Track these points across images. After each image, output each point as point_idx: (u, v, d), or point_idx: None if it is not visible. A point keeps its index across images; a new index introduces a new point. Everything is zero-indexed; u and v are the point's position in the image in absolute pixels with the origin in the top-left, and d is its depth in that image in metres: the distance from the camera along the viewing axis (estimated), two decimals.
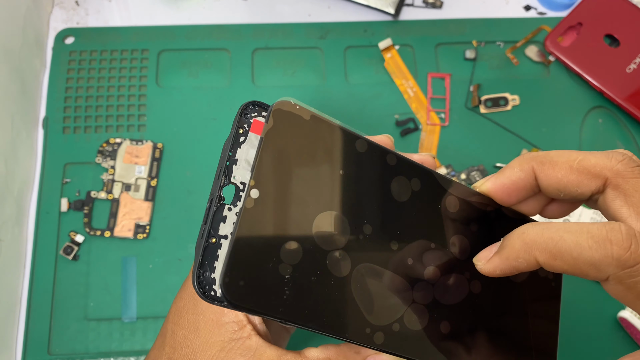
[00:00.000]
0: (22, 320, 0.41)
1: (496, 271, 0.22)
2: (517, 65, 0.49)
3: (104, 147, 0.45)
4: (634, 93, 0.46)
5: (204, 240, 0.19)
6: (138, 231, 0.43)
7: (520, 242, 0.22)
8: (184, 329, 0.25)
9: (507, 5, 0.51)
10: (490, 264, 0.23)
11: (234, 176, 0.20)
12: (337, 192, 0.21)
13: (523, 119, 0.47)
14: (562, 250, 0.21)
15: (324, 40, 0.49)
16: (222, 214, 0.20)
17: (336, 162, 0.21)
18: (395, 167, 0.23)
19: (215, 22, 0.49)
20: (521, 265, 0.22)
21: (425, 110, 0.47)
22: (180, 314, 0.25)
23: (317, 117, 0.21)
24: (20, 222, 0.43)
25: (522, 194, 0.25)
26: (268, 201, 0.19)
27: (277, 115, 0.20)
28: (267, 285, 0.19)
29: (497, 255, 0.22)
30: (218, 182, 0.20)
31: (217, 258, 0.19)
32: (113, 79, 0.47)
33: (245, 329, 0.24)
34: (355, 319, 0.21)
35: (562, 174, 0.23)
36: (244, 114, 0.21)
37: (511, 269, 0.22)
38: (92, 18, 0.50)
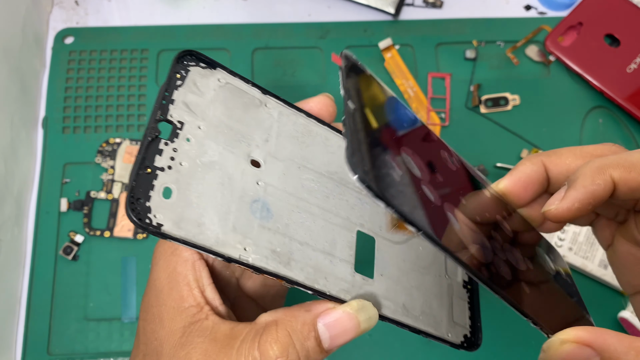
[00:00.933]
0: (21, 320, 0.41)
1: (575, 204, 0.22)
2: (517, 65, 0.49)
3: (103, 147, 0.45)
4: (634, 93, 0.46)
5: (137, 168, 0.19)
6: (138, 231, 0.43)
7: (590, 167, 0.22)
8: (151, 322, 0.25)
9: (507, 5, 0.51)
10: (567, 199, 0.22)
11: (171, 114, 0.21)
12: (407, 138, 0.23)
13: (523, 119, 0.47)
14: (634, 162, 0.22)
15: (324, 40, 0.49)
16: (159, 147, 0.20)
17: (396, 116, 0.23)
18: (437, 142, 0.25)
19: (215, 22, 0.49)
20: (598, 188, 0.22)
21: (425, 110, 0.47)
22: (146, 309, 0.25)
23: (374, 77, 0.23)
24: (20, 222, 0.42)
25: (536, 188, 0.26)
26: (360, 115, 0.20)
27: (347, 60, 0.22)
28: (390, 178, 0.19)
29: (572, 189, 0.22)
30: (154, 116, 0.20)
31: (152, 188, 0.19)
32: (113, 78, 0.47)
33: (203, 311, 0.24)
34: (451, 239, 0.21)
35: (569, 160, 0.25)
36: (180, 61, 0.22)
37: (589, 196, 0.22)
38: (91, 18, 0.50)
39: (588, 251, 0.42)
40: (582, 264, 0.42)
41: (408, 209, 0.19)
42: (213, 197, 0.21)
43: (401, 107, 0.24)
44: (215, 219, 0.21)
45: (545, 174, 0.26)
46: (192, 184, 0.20)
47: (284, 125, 0.24)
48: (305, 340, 0.22)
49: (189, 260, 0.25)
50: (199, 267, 0.25)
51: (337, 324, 0.22)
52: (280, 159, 0.24)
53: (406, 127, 0.24)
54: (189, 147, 0.21)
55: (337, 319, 0.22)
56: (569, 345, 0.20)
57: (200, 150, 0.21)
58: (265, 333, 0.22)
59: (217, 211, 0.21)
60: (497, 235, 0.24)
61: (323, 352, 0.23)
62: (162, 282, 0.25)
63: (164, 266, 0.25)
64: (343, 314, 0.22)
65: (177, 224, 0.20)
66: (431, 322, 0.25)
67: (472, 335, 0.26)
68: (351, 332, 0.22)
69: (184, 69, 0.22)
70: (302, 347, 0.22)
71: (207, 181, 0.21)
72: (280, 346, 0.22)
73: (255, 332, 0.22)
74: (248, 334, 0.23)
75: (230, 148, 0.22)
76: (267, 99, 0.24)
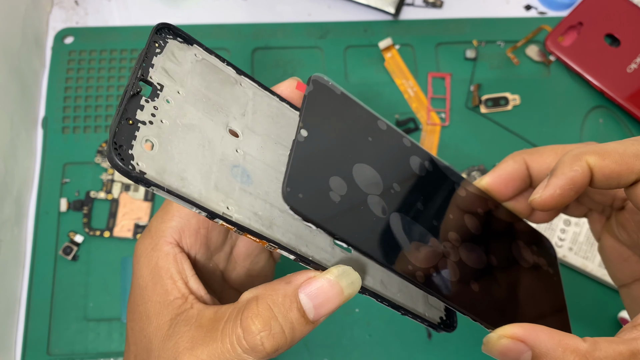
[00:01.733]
0: (21, 320, 0.41)
1: (556, 190, 0.23)
2: (517, 65, 0.48)
3: (103, 147, 0.45)
4: (634, 93, 0.46)
5: (119, 118, 0.20)
6: (137, 231, 0.43)
7: (568, 155, 0.24)
8: (139, 321, 0.25)
9: (507, 4, 0.51)
10: (549, 187, 0.24)
11: (151, 76, 0.22)
12: (368, 152, 0.24)
13: (523, 119, 0.47)
14: (607, 150, 0.23)
15: (324, 40, 0.49)
16: (140, 103, 0.21)
17: (365, 131, 0.25)
18: (410, 147, 0.26)
19: (215, 21, 0.49)
20: (576, 174, 0.23)
21: (425, 110, 0.47)
22: (132, 309, 0.25)
23: (346, 95, 0.25)
24: (20, 222, 0.42)
25: (517, 185, 0.27)
26: (314, 141, 0.22)
27: (315, 84, 0.24)
28: (323, 202, 0.21)
29: (553, 177, 0.24)
30: (135, 74, 0.21)
31: (134, 138, 0.20)
32: (112, 78, 0.47)
33: (188, 301, 0.24)
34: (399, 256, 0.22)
35: (550, 158, 0.27)
36: (158, 32, 0.23)
37: (569, 182, 0.23)
38: (91, 18, 0.49)
39: (588, 251, 0.42)
40: (582, 264, 0.42)
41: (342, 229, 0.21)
42: (194, 155, 0.21)
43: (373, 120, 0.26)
44: (197, 175, 0.21)
45: (526, 171, 0.27)
46: (173, 141, 0.21)
47: (258, 104, 0.25)
48: (287, 312, 0.22)
49: (170, 253, 0.25)
50: (180, 260, 0.25)
51: (320, 292, 0.22)
52: (258, 133, 0.24)
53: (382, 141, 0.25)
54: (169, 108, 0.22)
55: (319, 288, 0.22)
56: (505, 340, 0.21)
57: (180, 113, 0.22)
58: (247, 309, 0.22)
59: (199, 169, 0.21)
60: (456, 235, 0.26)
61: (309, 324, 0.22)
62: (145, 279, 0.25)
63: (146, 263, 0.25)
64: (324, 282, 0.22)
65: (160, 174, 0.20)
66: (408, 300, 0.25)
67: (448, 318, 0.27)
68: (335, 300, 0.22)
69: (163, 40, 0.23)
70: (285, 319, 0.22)
71: (188, 141, 0.21)
72: (261, 320, 0.22)
73: (238, 311, 0.22)
74: (231, 314, 0.22)
75: (209, 115, 0.23)
76: (241, 78, 0.25)
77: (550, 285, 0.29)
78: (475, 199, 0.28)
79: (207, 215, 0.21)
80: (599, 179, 0.23)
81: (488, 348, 0.22)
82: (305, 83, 0.24)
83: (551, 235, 0.43)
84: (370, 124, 0.25)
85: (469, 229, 0.26)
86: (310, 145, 0.22)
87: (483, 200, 0.28)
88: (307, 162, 0.22)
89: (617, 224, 0.28)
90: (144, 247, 0.25)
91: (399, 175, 0.25)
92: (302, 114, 0.23)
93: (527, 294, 0.27)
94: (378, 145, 0.25)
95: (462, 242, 0.25)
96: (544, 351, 0.21)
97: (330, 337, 0.41)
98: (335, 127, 0.24)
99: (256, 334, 0.21)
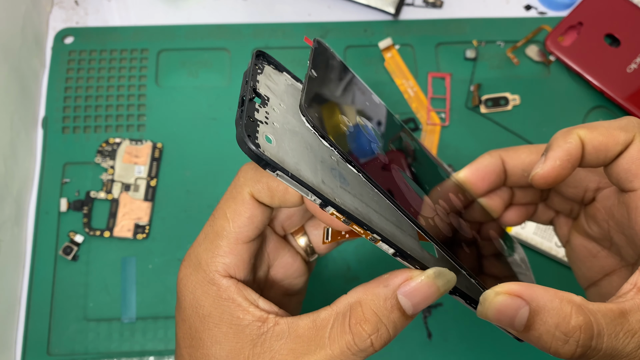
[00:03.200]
0: (21, 320, 0.41)
1: (556, 161, 0.24)
2: (517, 65, 0.48)
3: (103, 147, 0.45)
4: (634, 93, 0.46)
5: (244, 114, 0.22)
6: (137, 231, 0.43)
7: (561, 132, 0.25)
8: (202, 347, 0.25)
9: (507, 4, 0.51)
10: (548, 160, 0.25)
11: (259, 89, 0.24)
12: (366, 112, 0.26)
13: (523, 119, 0.47)
14: (594, 124, 0.25)
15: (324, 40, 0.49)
16: (255, 107, 0.23)
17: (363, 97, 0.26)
18: (399, 125, 0.28)
19: (215, 21, 0.49)
20: (571, 146, 0.24)
21: (425, 110, 0.47)
22: (191, 335, 0.25)
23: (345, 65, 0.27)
24: (20, 222, 0.42)
25: (493, 179, 0.29)
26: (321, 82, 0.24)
27: (319, 43, 0.25)
28: (336, 128, 0.22)
29: (550, 150, 0.25)
30: (248, 84, 0.23)
31: (257, 132, 0.22)
32: (112, 78, 0.47)
33: (269, 320, 0.24)
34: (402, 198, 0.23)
35: (524, 155, 0.28)
36: (257, 57, 0.25)
37: (566, 152, 0.24)
38: (91, 18, 0.49)
39: None
40: None
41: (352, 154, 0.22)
42: (302, 154, 0.23)
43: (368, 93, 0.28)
44: (308, 170, 0.23)
45: (502, 166, 0.29)
46: (285, 140, 0.23)
47: None
48: (390, 314, 0.24)
49: (230, 286, 0.25)
50: (242, 287, 0.25)
51: (417, 292, 0.24)
52: None
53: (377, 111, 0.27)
54: (276, 115, 0.24)
55: (417, 289, 0.24)
56: (502, 297, 0.22)
57: (285, 120, 0.24)
58: (353, 315, 0.23)
59: (308, 166, 0.23)
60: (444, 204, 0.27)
61: (409, 318, 0.24)
62: (207, 309, 0.25)
63: (204, 295, 0.25)
64: (421, 283, 0.24)
65: (281, 163, 0.22)
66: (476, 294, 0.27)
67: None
68: (432, 297, 0.24)
69: (261, 64, 0.26)
70: (389, 320, 0.24)
71: (295, 142, 0.24)
72: (370, 325, 0.23)
73: (343, 317, 0.24)
74: (335, 320, 0.24)
75: (305, 127, 0.25)
76: None
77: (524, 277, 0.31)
78: (454, 187, 0.29)
79: (321, 202, 0.22)
80: (589, 152, 0.24)
81: (484, 307, 0.23)
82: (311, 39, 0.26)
83: (551, 235, 0.43)
84: (366, 94, 0.27)
85: (454, 205, 0.28)
86: (319, 84, 0.23)
87: (461, 190, 0.29)
88: (319, 95, 0.23)
89: (586, 218, 0.29)
90: (197, 279, 0.25)
91: (394, 137, 0.27)
92: (311, 59, 0.24)
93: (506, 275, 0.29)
94: (374, 112, 0.27)
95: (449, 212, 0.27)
96: (541, 304, 0.21)
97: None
98: (338, 79, 0.26)
99: (366, 337, 0.23)
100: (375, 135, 0.25)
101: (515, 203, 0.31)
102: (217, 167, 0.45)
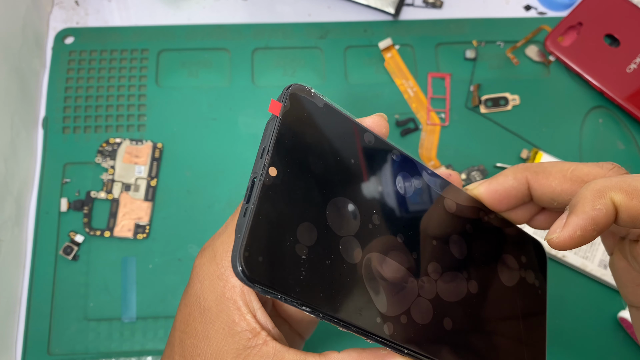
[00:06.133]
0: (21, 320, 0.41)
1: (577, 231, 0.21)
2: (517, 65, 0.49)
3: (103, 147, 0.45)
4: (634, 93, 0.46)
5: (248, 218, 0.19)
6: (138, 231, 0.43)
7: (591, 191, 0.21)
8: (193, 337, 0.24)
9: (507, 5, 0.51)
10: (568, 227, 0.21)
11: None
12: (348, 180, 0.22)
13: (523, 119, 0.47)
14: (636, 187, 0.20)
15: (324, 40, 0.49)
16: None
17: (347, 151, 0.22)
18: (400, 163, 0.24)
19: (215, 22, 0.49)
20: (600, 214, 0.20)
21: (425, 110, 0.47)
22: (187, 322, 0.25)
23: (330, 106, 0.22)
24: (20, 222, 0.42)
25: (513, 202, 0.25)
26: (285, 180, 0.20)
27: (293, 99, 0.21)
28: (285, 264, 0.19)
29: (572, 215, 0.21)
30: (262, 160, 0.19)
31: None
32: (113, 78, 0.47)
33: (260, 336, 0.23)
34: (366, 307, 0.21)
35: (555, 182, 0.24)
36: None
37: (591, 222, 0.21)
38: (91, 18, 0.50)
39: (588, 251, 0.42)
40: (582, 264, 0.42)
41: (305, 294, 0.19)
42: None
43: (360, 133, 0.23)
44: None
45: (526, 190, 0.25)
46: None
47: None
48: None
49: (236, 286, 0.24)
50: (247, 292, 0.24)
51: None
52: None
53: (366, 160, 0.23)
54: None
55: None
56: None
57: None
58: None
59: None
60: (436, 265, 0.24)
61: None
62: (209, 302, 0.24)
63: (210, 288, 0.24)
64: None
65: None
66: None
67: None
68: None
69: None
70: None
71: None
72: None
73: None
74: None
75: None
76: None
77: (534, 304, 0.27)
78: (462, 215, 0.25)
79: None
80: (624, 219, 0.21)
81: None
82: (279, 100, 0.20)
83: None
84: (355, 140, 0.22)
85: (454, 254, 0.24)
86: (279, 187, 0.19)
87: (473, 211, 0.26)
88: (273, 210, 0.19)
89: (630, 253, 0.25)
90: (209, 271, 0.25)
91: (381, 202, 0.22)
92: (270, 144, 0.19)
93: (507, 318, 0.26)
94: (361, 168, 0.22)
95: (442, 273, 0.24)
96: None
97: (329, 337, 0.41)
98: (313, 154, 0.21)
99: None
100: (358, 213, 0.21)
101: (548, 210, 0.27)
102: (217, 167, 0.45)
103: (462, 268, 0.24)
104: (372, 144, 0.23)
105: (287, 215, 0.19)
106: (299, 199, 0.20)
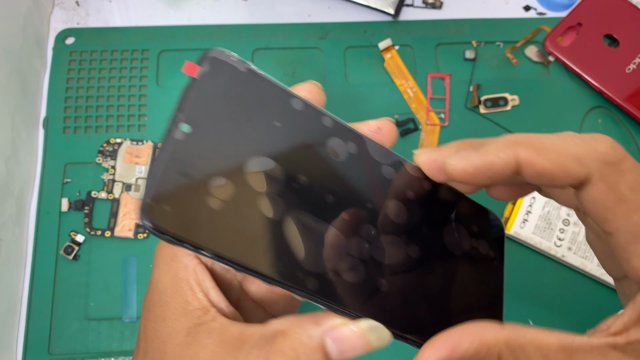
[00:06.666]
0: (22, 320, 0.41)
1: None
2: (516, 65, 0.49)
3: (104, 147, 0.45)
4: (633, 93, 0.46)
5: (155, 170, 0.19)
6: (138, 231, 0.43)
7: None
8: (153, 321, 0.25)
9: (506, 5, 0.51)
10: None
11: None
12: (272, 141, 0.22)
13: (523, 119, 0.47)
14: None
15: (324, 41, 0.49)
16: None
17: (272, 114, 0.22)
18: (331, 128, 0.23)
19: (215, 22, 0.49)
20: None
21: (425, 111, 0.47)
22: (148, 308, 0.25)
23: (254, 71, 0.22)
24: (21, 222, 0.43)
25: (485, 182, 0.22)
26: (199, 137, 0.20)
27: (214, 62, 0.21)
28: (196, 215, 0.19)
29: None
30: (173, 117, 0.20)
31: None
32: (113, 79, 0.47)
33: (210, 313, 0.24)
34: (287, 262, 0.21)
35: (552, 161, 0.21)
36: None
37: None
38: (92, 18, 0.50)
39: (587, 251, 0.42)
40: (581, 264, 0.42)
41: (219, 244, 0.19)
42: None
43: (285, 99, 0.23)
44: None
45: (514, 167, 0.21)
46: None
47: None
48: (312, 354, 0.22)
49: (189, 265, 0.25)
50: (200, 272, 0.25)
51: (347, 340, 0.22)
52: None
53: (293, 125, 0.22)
54: None
55: (347, 336, 0.22)
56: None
57: None
58: (274, 344, 0.22)
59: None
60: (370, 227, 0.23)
61: None
62: (164, 285, 0.25)
63: (165, 270, 0.25)
64: (351, 332, 0.22)
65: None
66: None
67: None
68: (360, 349, 0.22)
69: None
70: (309, 359, 0.22)
71: None
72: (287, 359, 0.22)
73: (265, 341, 0.22)
74: (258, 341, 0.22)
75: None
76: None
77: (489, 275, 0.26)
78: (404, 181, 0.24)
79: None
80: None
81: None
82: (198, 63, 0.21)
83: (550, 235, 0.43)
84: (281, 104, 0.23)
85: (390, 219, 0.24)
86: (192, 142, 0.20)
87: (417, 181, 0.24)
88: (184, 164, 0.19)
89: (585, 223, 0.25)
90: (165, 253, 0.25)
91: (309, 164, 0.22)
92: (185, 102, 0.20)
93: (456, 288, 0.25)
94: (287, 131, 0.22)
95: (378, 236, 0.23)
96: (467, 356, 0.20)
97: None
98: (233, 116, 0.21)
99: None
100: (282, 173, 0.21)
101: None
102: None
103: (400, 232, 0.24)
104: (301, 109, 0.23)
105: (200, 169, 0.20)
106: (214, 156, 0.20)
